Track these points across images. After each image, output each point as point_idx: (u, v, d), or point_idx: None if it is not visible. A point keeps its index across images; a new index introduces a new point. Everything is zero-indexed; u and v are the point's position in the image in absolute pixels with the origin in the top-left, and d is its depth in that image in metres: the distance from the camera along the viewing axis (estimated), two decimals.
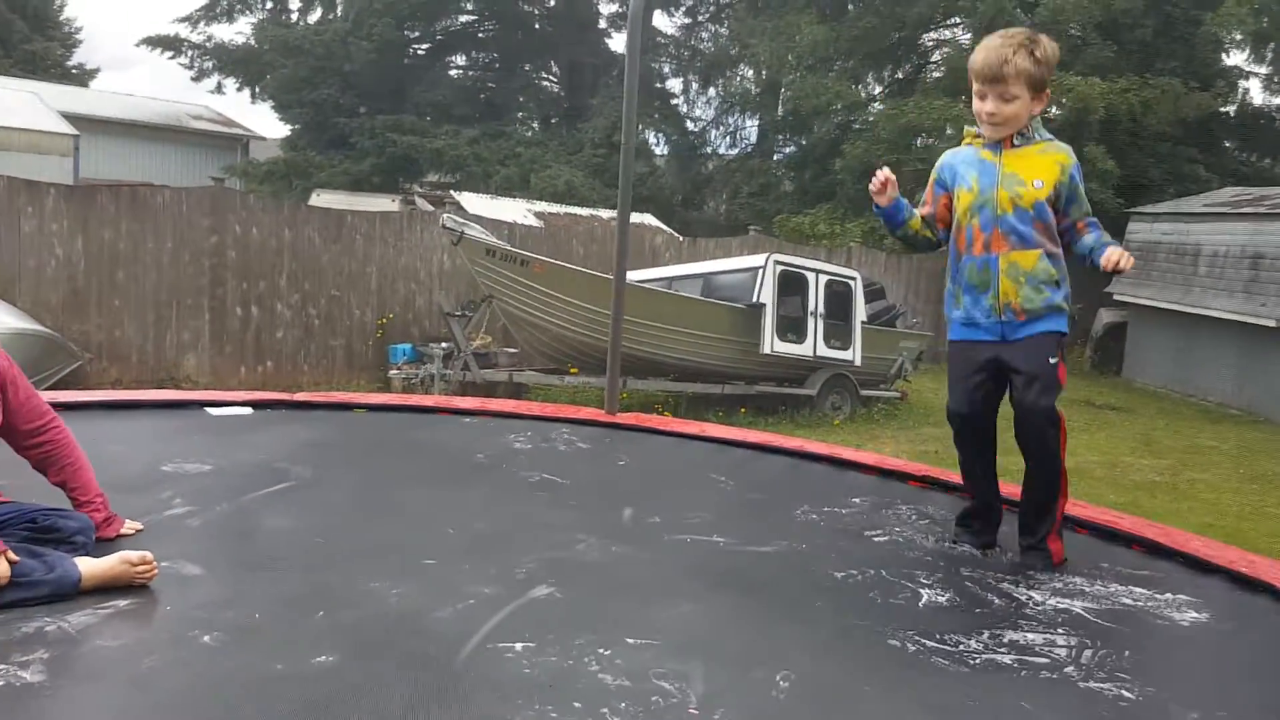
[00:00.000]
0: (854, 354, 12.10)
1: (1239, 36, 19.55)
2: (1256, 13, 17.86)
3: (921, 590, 2.51)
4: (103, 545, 2.34)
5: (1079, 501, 3.54)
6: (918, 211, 2.98)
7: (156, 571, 2.19)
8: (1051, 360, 2.79)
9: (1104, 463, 10.18)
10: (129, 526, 2.51)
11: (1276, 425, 13.03)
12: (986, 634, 2.24)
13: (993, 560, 2.81)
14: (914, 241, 2.99)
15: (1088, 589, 2.59)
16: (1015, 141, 2.80)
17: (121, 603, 2.10)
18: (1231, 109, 21.54)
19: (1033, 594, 2.53)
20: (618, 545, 2.70)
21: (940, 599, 2.46)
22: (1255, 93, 22.94)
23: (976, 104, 2.81)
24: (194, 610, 2.09)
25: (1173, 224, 16.18)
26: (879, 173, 2.93)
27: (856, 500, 3.31)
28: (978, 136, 2.88)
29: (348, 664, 1.88)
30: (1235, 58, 21.51)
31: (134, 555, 2.18)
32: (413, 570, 2.39)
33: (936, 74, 22.92)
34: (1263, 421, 13.29)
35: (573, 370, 11.38)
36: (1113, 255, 2.72)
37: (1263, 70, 22.38)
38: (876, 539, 2.93)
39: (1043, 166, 2.78)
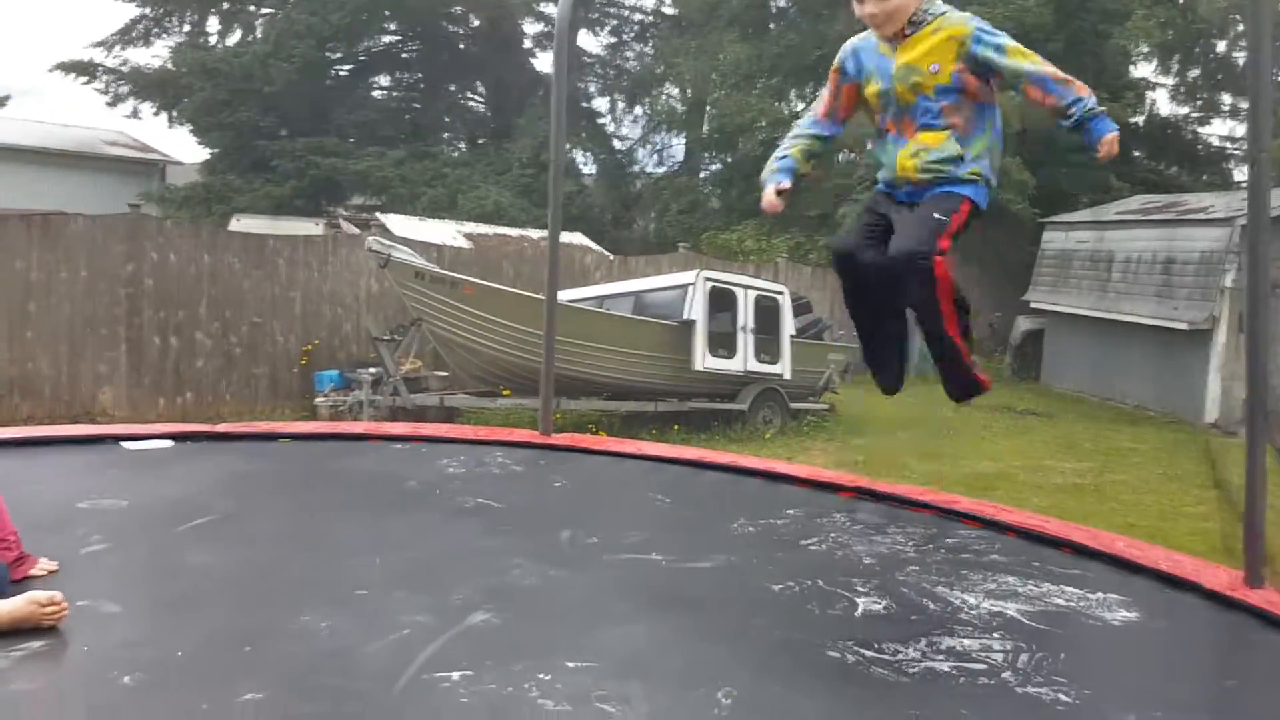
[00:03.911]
0: (783, 368, 12.20)
1: (1146, 49, 20.22)
2: (1162, 25, 18.49)
3: (858, 599, 2.51)
4: (14, 585, 2.23)
5: (1006, 506, 3.60)
6: (796, 147, 2.99)
7: (67, 612, 2.10)
8: (937, 215, 2.74)
9: (1027, 467, 10.39)
10: (42, 566, 2.40)
11: (1192, 425, 13.44)
12: (924, 641, 2.25)
13: (927, 562, 2.84)
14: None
15: (1020, 590, 2.63)
16: (907, 31, 2.77)
17: (36, 644, 2.00)
18: (1140, 119, 22.27)
19: (967, 597, 2.56)
20: (555, 568, 2.66)
21: (876, 607, 2.47)
22: (1163, 103, 23.77)
23: (857, 9, 2.79)
24: (113, 650, 2.01)
25: (1087, 232, 16.64)
26: (769, 201, 2.90)
27: (791, 512, 3.32)
28: None
29: (277, 700, 1.82)
30: (1143, 69, 22.30)
31: (42, 595, 2.08)
32: (343, 602, 2.32)
33: None
34: (1179, 422, 13.70)
35: (505, 392, 11.28)
36: (1106, 147, 2.67)
37: (1169, 81, 23.24)
38: (812, 549, 2.94)
39: (937, 48, 2.74)
